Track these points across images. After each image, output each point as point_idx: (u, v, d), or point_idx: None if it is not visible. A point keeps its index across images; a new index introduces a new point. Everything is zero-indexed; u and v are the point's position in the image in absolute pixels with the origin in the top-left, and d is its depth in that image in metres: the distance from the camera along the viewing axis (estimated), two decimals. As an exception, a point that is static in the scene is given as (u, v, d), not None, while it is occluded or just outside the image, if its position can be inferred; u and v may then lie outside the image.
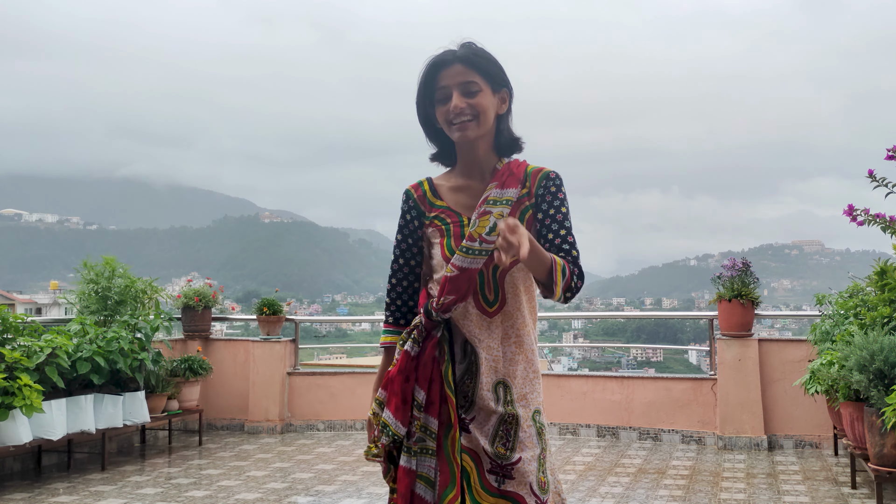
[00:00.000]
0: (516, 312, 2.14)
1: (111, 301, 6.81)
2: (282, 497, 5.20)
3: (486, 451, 2.10)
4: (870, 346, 4.47)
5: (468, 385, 2.14)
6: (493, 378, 2.13)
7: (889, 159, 4.81)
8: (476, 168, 2.21)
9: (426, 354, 2.11)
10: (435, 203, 2.22)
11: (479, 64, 2.13)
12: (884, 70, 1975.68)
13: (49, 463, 6.33)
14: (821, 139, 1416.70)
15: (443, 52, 2.15)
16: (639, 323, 33.70)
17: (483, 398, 2.12)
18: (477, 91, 2.12)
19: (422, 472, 2.10)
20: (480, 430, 2.12)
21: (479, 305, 2.12)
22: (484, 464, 2.10)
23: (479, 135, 2.15)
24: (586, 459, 6.32)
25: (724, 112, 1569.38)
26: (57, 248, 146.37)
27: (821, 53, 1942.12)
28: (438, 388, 2.11)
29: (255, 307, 8.09)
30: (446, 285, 2.08)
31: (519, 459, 2.09)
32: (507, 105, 2.20)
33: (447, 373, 2.11)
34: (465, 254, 2.07)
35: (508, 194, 2.12)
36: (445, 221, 2.18)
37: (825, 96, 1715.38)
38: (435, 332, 2.12)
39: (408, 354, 2.12)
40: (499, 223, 1.90)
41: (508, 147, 2.22)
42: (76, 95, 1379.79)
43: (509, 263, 2.02)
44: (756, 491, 5.20)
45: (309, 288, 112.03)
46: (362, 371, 8.61)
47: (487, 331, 2.12)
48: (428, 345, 2.11)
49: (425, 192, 2.25)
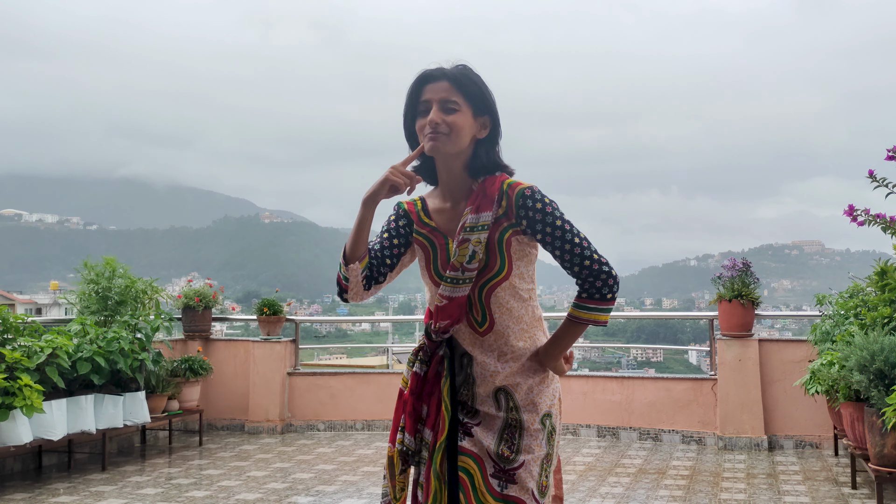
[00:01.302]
0: (507, 330, 2.16)
1: (111, 301, 6.81)
2: (282, 497, 5.20)
3: (489, 453, 2.12)
4: (870, 347, 4.47)
5: (465, 394, 2.20)
6: (490, 387, 2.17)
7: (889, 159, 4.81)
8: (452, 188, 2.21)
9: (430, 371, 2.19)
10: (424, 220, 2.25)
11: (465, 85, 2.14)
12: (882, 70, 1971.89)
13: (49, 463, 6.33)
14: (820, 139, 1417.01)
15: (433, 68, 2.17)
16: (639, 323, 33.67)
17: (483, 405, 2.18)
18: (456, 110, 2.13)
19: (420, 480, 2.19)
20: (486, 432, 2.14)
21: (471, 324, 2.17)
22: (487, 467, 2.12)
23: (450, 152, 2.14)
24: (586, 460, 6.32)
25: (722, 112, 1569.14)
26: (57, 248, 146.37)
27: (818, 53, 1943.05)
28: (437, 401, 2.18)
29: (255, 307, 8.09)
30: (438, 313, 2.15)
31: (522, 464, 2.11)
32: (487, 131, 2.18)
33: (444, 387, 2.18)
34: (452, 283, 2.13)
35: (483, 219, 2.11)
36: (433, 242, 2.22)
37: (823, 96, 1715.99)
38: (438, 351, 2.20)
39: (417, 376, 2.20)
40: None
41: (486, 169, 2.19)
42: (76, 95, 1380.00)
43: (493, 284, 2.13)
44: (756, 491, 5.20)
45: (309, 288, 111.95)
46: (362, 371, 8.61)
47: (480, 348, 2.17)
48: (433, 362, 2.20)
49: (418, 210, 2.27)
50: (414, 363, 2.22)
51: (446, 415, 2.16)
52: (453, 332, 2.19)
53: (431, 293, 2.21)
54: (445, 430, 2.15)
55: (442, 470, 2.15)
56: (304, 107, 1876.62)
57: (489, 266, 2.12)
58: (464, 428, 2.18)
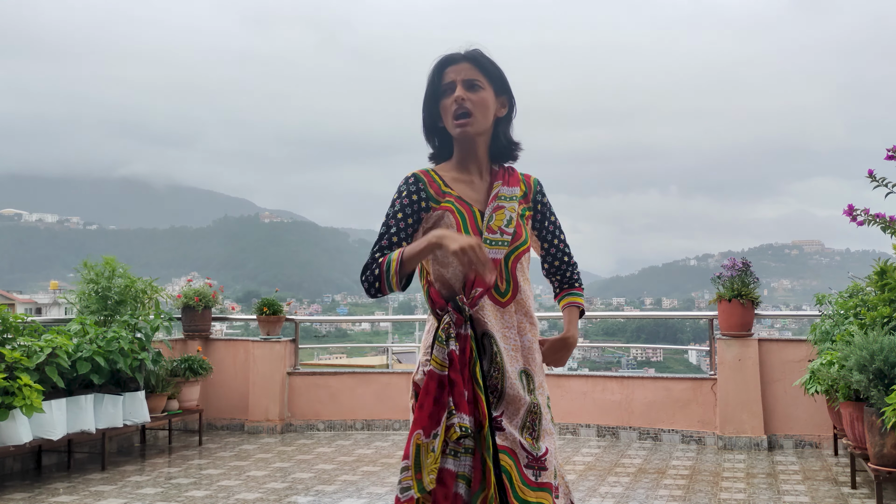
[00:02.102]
0: (527, 300, 2.23)
1: (111, 301, 6.81)
2: (282, 497, 5.20)
3: (522, 445, 2.13)
4: (870, 346, 4.47)
5: (496, 377, 2.15)
6: (517, 367, 2.18)
7: (889, 159, 4.81)
8: (474, 165, 2.29)
9: (466, 355, 2.12)
10: (444, 189, 2.24)
11: (485, 66, 2.25)
12: (880, 69, 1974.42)
13: (49, 463, 6.33)
14: (818, 139, 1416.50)
15: (452, 53, 2.26)
16: (639, 323, 33.68)
17: (513, 387, 2.15)
18: (481, 87, 2.22)
19: (461, 471, 2.09)
20: (511, 424, 2.15)
21: (492, 297, 2.17)
22: (521, 459, 2.13)
23: (478, 132, 2.23)
24: (586, 459, 6.32)
25: (720, 112, 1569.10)
26: (57, 248, 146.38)
27: (814, 50, 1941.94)
28: (472, 386, 2.11)
29: (255, 307, 8.09)
30: (475, 279, 2.12)
31: (546, 451, 2.16)
32: (506, 110, 2.30)
33: (476, 371, 2.12)
34: (491, 245, 2.16)
35: (515, 192, 2.25)
36: (460, 211, 2.20)
37: (820, 93, 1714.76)
38: (465, 330, 2.12)
39: (454, 353, 2.10)
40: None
41: (503, 152, 2.31)
42: (76, 95, 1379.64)
43: (519, 253, 2.20)
44: (756, 491, 5.20)
45: (309, 288, 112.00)
46: (362, 371, 8.61)
47: (503, 321, 2.18)
48: (465, 345, 2.12)
49: (434, 178, 2.25)
50: (446, 340, 2.10)
51: (483, 399, 2.10)
52: (474, 312, 2.14)
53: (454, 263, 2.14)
54: (488, 422, 2.09)
55: (491, 460, 2.08)
56: (304, 107, 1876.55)
57: (517, 235, 2.21)
58: (494, 422, 2.13)
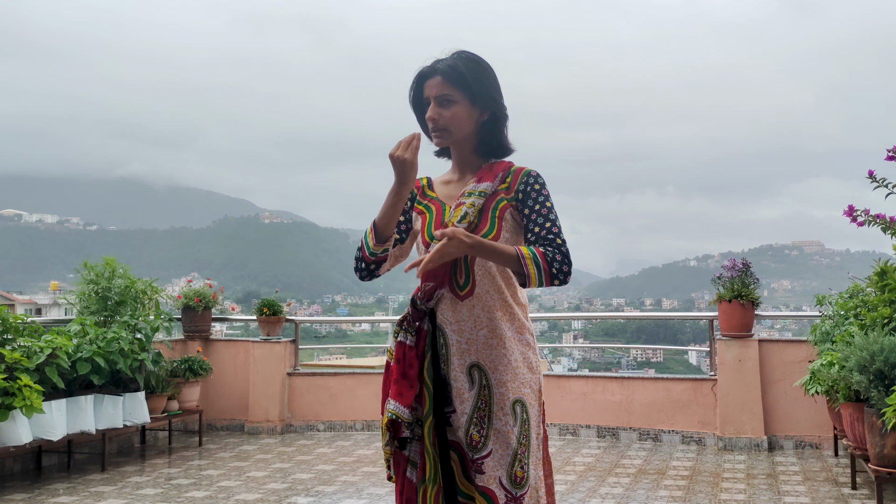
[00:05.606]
0: (488, 297, 2.20)
1: (111, 301, 6.81)
2: (282, 497, 5.20)
3: (465, 443, 2.17)
4: (870, 347, 4.47)
5: (444, 368, 2.21)
6: (465, 361, 2.19)
7: (889, 160, 4.81)
8: (462, 166, 2.35)
9: (419, 348, 2.21)
10: (427, 193, 2.37)
11: (457, 77, 2.22)
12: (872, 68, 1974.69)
13: (49, 463, 6.33)
14: (814, 139, 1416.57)
15: (429, 64, 2.27)
16: (639, 323, 33.70)
17: (456, 379, 2.18)
18: (453, 101, 2.23)
19: (412, 457, 2.20)
20: (459, 420, 2.18)
21: (452, 289, 2.21)
22: (467, 454, 2.17)
23: (455, 142, 2.29)
24: (586, 460, 6.32)
25: (718, 112, 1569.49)
26: (57, 248, 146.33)
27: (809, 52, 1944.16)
28: (421, 379, 2.20)
29: (255, 308, 8.09)
30: (425, 276, 2.19)
31: (489, 453, 2.13)
32: (488, 114, 2.27)
33: (427, 364, 2.20)
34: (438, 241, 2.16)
35: (482, 187, 2.24)
36: (430, 208, 2.32)
37: (815, 96, 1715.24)
38: (423, 324, 2.22)
39: (403, 345, 2.21)
40: (436, 233, 2.04)
41: (494, 151, 2.33)
42: (75, 95, 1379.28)
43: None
44: (756, 492, 5.20)
45: (309, 288, 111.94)
46: (362, 371, 8.61)
47: (458, 314, 2.20)
48: (420, 338, 2.21)
49: (423, 185, 2.40)
50: (398, 333, 2.24)
51: (427, 392, 2.17)
52: (436, 300, 2.22)
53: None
54: (426, 406, 2.16)
55: (434, 449, 2.16)
56: (304, 107, 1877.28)
57: (479, 227, 2.20)
58: (446, 416, 2.20)
